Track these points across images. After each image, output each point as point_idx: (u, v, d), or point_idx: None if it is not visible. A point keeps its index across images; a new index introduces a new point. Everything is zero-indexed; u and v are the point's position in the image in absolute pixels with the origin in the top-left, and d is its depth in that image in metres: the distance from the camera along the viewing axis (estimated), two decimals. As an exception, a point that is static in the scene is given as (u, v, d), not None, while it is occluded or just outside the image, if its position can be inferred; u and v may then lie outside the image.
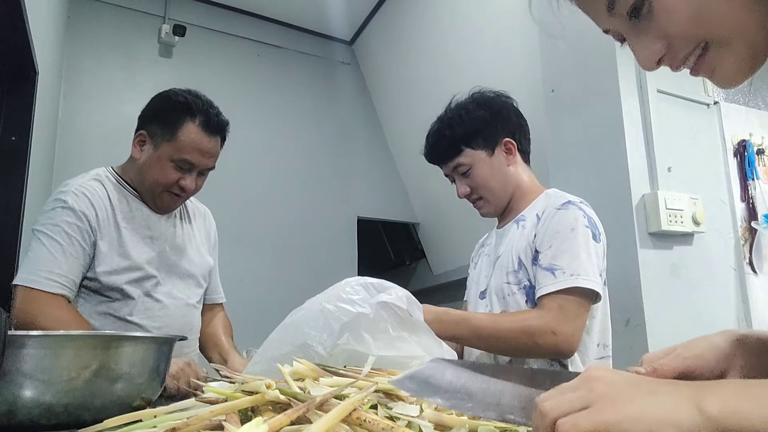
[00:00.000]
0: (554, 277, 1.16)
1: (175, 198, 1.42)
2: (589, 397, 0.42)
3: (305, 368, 0.66)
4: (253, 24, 3.79)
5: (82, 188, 1.34)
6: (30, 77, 2.12)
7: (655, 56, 0.54)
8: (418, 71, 3.52)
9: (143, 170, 1.40)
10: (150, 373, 0.72)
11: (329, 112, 3.99)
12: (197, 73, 3.52)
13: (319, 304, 0.88)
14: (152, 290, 1.38)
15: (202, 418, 0.50)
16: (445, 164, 1.38)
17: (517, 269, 1.26)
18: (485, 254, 1.44)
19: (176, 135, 1.35)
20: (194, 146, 1.36)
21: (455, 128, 1.33)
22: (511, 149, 1.35)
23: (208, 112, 1.39)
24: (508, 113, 1.37)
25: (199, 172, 1.41)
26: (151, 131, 1.39)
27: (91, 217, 1.32)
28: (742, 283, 2.03)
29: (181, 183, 1.38)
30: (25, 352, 0.61)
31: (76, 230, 1.29)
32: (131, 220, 1.40)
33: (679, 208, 1.88)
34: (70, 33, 3.12)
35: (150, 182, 1.39)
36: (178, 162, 1.36)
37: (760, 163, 2.19)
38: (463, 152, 1.33)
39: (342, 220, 3.87)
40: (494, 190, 1.34)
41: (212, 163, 1.43)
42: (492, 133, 1.33)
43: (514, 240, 1.30)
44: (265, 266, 3.41)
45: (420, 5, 3.40)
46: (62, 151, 2.99)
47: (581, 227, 1.20)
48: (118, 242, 1.36)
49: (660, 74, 2.01)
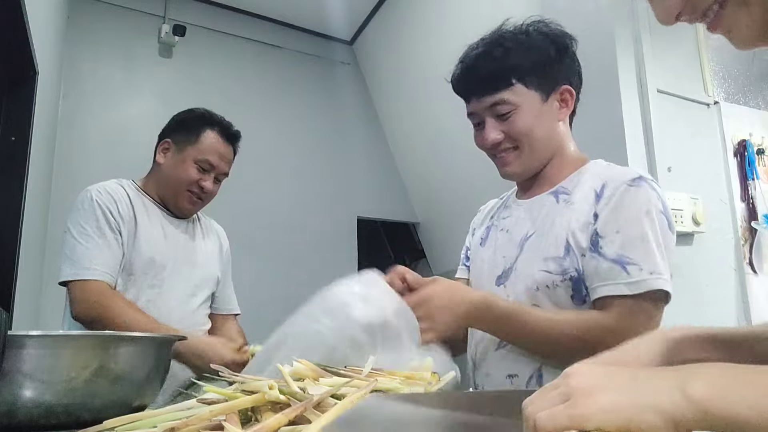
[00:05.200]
0: (627, 273, 0.92)
1: (195, 200, 1.54)
2: (567, 392, 0.41)
3: (305, 368, 0.66)
4: (253, 24, 3.79)
5: (104, 187, 1.47)
6: (30, 77, 2.12)
7: (674, 10, 0.52)
8: (418, 71, 3.52)
9: (167, 172, 1.53)
10: (150, 373, 0.72)
11: (329, 113, 3.99)
12: (197, 73, 3.52)
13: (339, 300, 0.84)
14: (158, 277, 1.46)
15: (202, 418, 0.50)
16: (481, 98, 1.05)
17: (563, 255, 0.98)
18: (501, 229, 1.14)
19: (199, 139, 1.52)
20: (214, 149, 1.53)
21: (511, 55, 1.02)
22: (567, 100, 1.08)
23: (223, 123, 1.58)
24: (573, 57, 1.10)
25: (215, 177, 1.55)
26: (176, 138, 1.55)
27: (113, 210, 1.43)
28: (742, 283, 2.03)
29: (201, 183, 1.51)
30: (25, 352, 0.61)
31: (104, 222, 1.40)
32: (148, 218, 1.51)
33: (679, 208, 1.88)
34: (70, 33, 3.12)
35: (174, 182, 1.51)
36: (200, 162, 1.51)
37: (760, 163, 2.19)
38: (513, 87, 1.02)
39: (342, 220, 3.87)
40: (535, 144, 1.05)
41: (228, 168, 1.58)
42: (552, 75, 1.06)
43: (557, 218, 1.02)
44: (265, 266, 3.41)
45: (420, 5, 3.40)
46: (62, 151, 2.99)
47: (656, 212, 0.96)
48: (135, 234, 1.46)
49: (660, 74, 2.02)
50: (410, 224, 4.14)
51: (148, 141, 3.34)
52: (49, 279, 2.72)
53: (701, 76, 2.20)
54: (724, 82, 2.30)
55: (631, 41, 1.99)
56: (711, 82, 2.21)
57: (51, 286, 2.74)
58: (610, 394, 0.40)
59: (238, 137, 1.62)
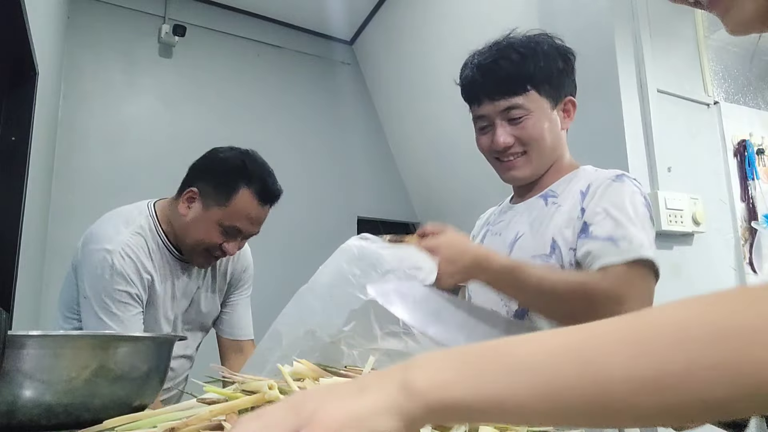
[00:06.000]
0: (617, 247, 0.95)
1: (212, 259, 1.40)
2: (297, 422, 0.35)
3: (305, 368, 0.66)
4: (253, 24, 3.79)
5: (128, 248, 1.30)
6: (30, 77, 2.12)
7: None
8: (418, 71, 3.52)
9: (189, 228, 1.35)
10: (150, 373, 0.72)
11: (329, 112, 3.99)
12: (197, 73, 3.53)
13: (328, 287, 0.85)
14: None
15: (202, 418, 0.50)
16: (495, 101, 1.07)
17: (549, 253, 1.04)
18: (495, 233, 1.20)
19: (229, 201, 1.31)
20: (245, 214, 1.33)
21: (527, 61, 1.06)
22: (569, 111, 1.13)
23: (265, 181, 1.36)
24: (574, 71, 1.15)
25: (242, 236, 1.38)
26: (204, 190, 1.34)
27: (137, 282, 1.31)
28: (742, 283, 2.03)
29: (224, 247, 1.35)
30: (25, 352, 0.61)
31: (128, 298, 1.28)
32: (163, 282, 1.38)
33: (679, 208, 1.88)
34: (70, 33, 3.12)
35: (193, 241, 1.35)
36: (226, 227, 1.33)
37: (760, 163, 2.19)
38: (528, 93, 1.06)
39: (342, 220, 3.87)
40: (544, 149, 1.09)
41: (258, 230, 1.39)
42: (560, 85, 1.10)
43: (545, 219, 1.08)
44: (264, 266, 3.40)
45: (420, 5, 3.40)
46: (62, 152, 2.99)
47: (639, 204, 1.01)
48: (147, 308, 1.36)
49: (660, 74, 2.02)
50: (410, 224, 4.14)
51: (148, 141, 3.36)
52: (49, 279, 2.72)
53: (701, 76, 2.20)
54: (724, 82, 2.30)
55: (631, 41, 2.00)
56: (711, 82, 2.21)
57: (51, 286, 2.75)
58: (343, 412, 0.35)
59: (278, 196, 1.39)
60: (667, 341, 0.31)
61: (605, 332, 0.34)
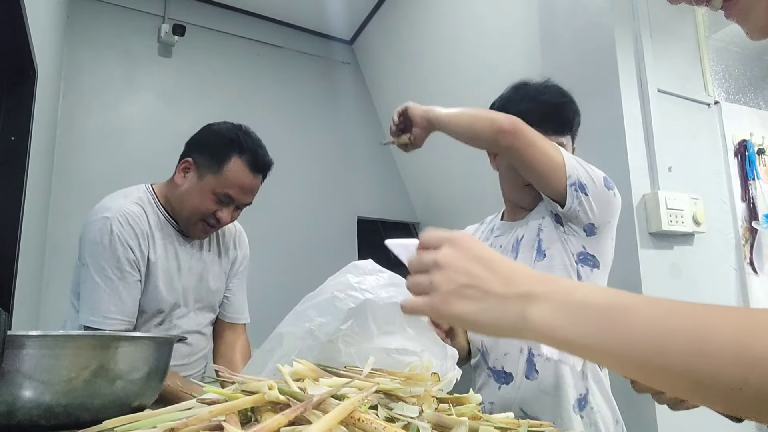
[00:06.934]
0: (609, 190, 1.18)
1: (208, 228, 1.44)
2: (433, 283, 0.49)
3: (305, 368, 0.66)
4: (253, 24, 3.79)
5: (126, 215, 1.35)
6: (29, 77, 2.12)
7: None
8: (418, 71, 3.52)
9: (184, 197, 1.41)
10: (149, 374, 0.72)
11: (329, 112, 3.99)
12: (197, 72, 3.52)
13: (330, 292, 0.87)
14: (170, 319, 1.42)
15: (202, 419, 0.50)
16: (554, 133, 1.22)
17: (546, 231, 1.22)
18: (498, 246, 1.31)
19: (222, 169, 1.38)
20: (238, 182, 1.39)
21: (575, 110, 1.27)
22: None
23: (256, 151, 1.43)
24: None
25: (236, 206, 1.44)
26: (198, 161, 1.41)
27: (134, 247, 1.34)
28: (743, 283, 2.03)
29: (218, 214, 1.40)
30: (25, 352, 0.61)
31: (125, 261, 1.31)
32: (163, 253, 1.42)
33: (679, 208, 1.88)
34: (69, 33, 3.12)
35: (189, 210, 1.41)
36: (219, 195, 1.39)
37: (761, 162, 2.19)
38: (569, 134, 1.26)
39: (342, 220, 3.87)
40: None
41: (251, 199, 1.46)
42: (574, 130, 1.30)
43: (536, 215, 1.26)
44: (265, 266, 3.40)
45: (420, 5, 3.40)
46: (62, 151, 2.99)
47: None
48: (151, 274, 1.38)
49: (660, 74, 2.02)
50: (410, 224, 4.14)
51: (147, 140, 3.36)
52: (49, 279, 2.72)
53: (702, 75, 2.19)
54: (725, 81, 2.30)
55: (631, 41, 1.99)
56: (711, 81, 2.20)
57: (51, 286, 2.75)
58: (467, 304, 0.47)
59: (269, 167, 1.47)
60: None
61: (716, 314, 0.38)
